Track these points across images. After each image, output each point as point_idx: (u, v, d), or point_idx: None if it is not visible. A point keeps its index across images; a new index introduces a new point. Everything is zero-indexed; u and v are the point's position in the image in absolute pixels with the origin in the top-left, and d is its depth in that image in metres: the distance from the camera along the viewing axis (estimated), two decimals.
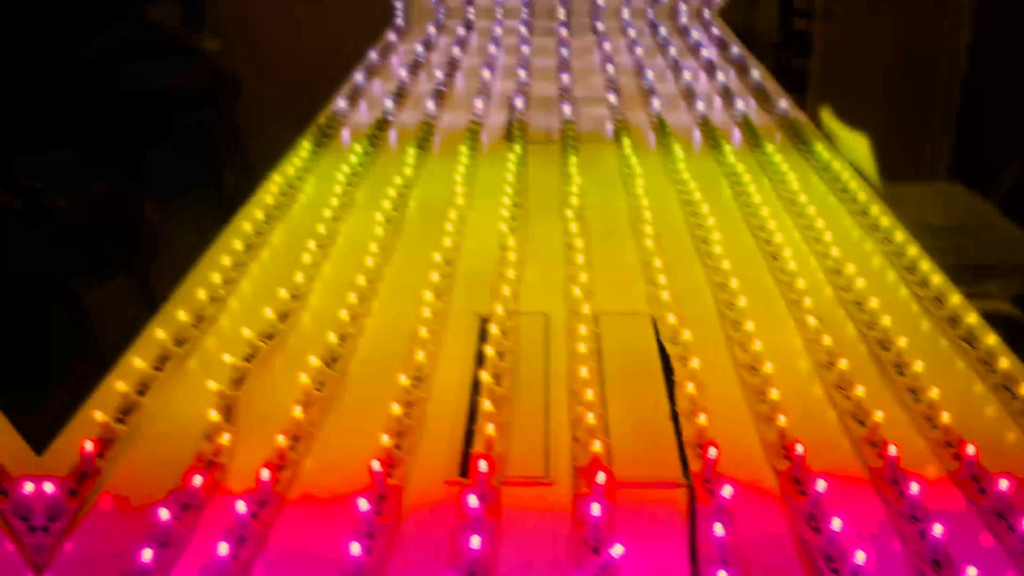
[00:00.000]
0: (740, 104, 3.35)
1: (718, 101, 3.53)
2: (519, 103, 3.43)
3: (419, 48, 4.17)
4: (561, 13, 4.63)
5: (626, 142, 3.00)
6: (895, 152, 4.91)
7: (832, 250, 2.27)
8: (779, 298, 2.14)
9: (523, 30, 4.46)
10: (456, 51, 4.13)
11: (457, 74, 3.92)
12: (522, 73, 3.77)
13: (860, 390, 1.71)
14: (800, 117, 3.30)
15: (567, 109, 3.36)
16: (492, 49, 4.15)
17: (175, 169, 5.39)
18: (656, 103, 3.42)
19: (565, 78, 3.75)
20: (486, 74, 3.80)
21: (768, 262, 2.29)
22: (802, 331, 1.98)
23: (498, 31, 4.42)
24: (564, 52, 4.17)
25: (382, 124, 3.22)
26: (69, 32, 5.16)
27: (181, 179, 5.32)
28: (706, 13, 4.69)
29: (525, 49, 4.21)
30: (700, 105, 3.36)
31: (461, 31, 4.48)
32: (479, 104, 3.38)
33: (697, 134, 3.18)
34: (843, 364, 1.80)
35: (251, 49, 5.79)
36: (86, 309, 3.86)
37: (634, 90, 3.65)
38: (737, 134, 3.18)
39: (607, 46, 4.18)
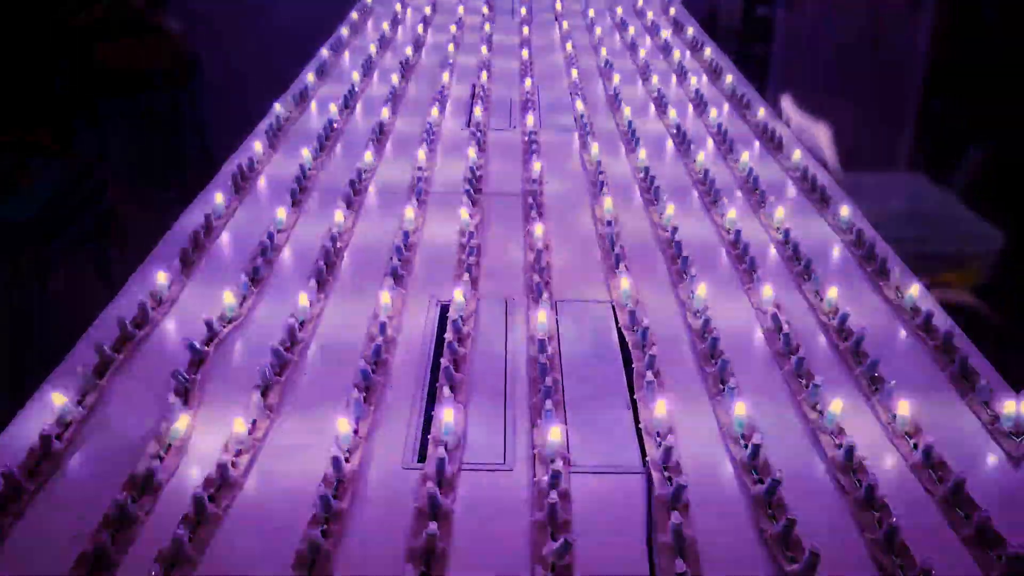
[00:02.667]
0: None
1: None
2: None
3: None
4: None
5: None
6: (857, 141, 4.94)
7: (791, 237, 2.28)
8: (737, 285, 2.15)
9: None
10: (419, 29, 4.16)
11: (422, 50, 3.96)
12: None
13: (819, 379, 1.72)
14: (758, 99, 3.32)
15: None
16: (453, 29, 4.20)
17: (137, 151, 5.37)
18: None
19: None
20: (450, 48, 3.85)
21: (727, 247, 2.30)
22: (761, 320, 1.99)
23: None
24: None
25: (348, 99, 3.20)
26: (35, 14, 5.13)
27: (143, 161, 5.30)
28: None
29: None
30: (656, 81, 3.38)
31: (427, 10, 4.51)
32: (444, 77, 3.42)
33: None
34: (802, 353, 1.81)
35: (214, 29, 5.76)
36: (46, 291, 3.84)
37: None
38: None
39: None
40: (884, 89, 5.34)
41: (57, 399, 1.61)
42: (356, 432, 1.59)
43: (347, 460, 1.52)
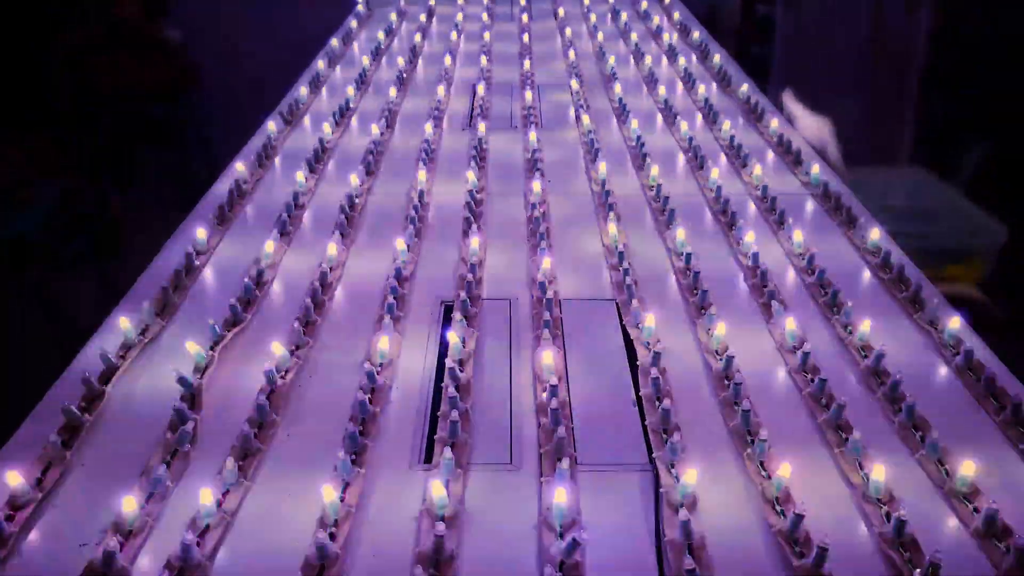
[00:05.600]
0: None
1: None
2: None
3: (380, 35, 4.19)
4: None
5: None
6: (859, 137, 4.94)
7: (795, 234, 2.27)
8: (741, 281, 2.15)
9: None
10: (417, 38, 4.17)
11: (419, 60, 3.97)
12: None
13: (824, 374, 1.72)
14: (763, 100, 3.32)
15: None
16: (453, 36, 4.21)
17: (141, 161, 5.37)
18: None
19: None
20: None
21: (731, 245, 2.30)
22: (766, 315, 1.99)
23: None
24: None
25: (343, 111, 3.21)
26: (36, 29, 5.14)
27: (147, 171, 5.30)
28: None
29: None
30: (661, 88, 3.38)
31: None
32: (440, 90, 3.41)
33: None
34: (807, 348, 1.80)
35: (214, 39, 5.77)
36: (53, 299, 3.84)
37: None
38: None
39: None
40: (885, 84, 5.33)
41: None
42: (362, 433, 1.59)
43: (353, 462, 1.52)
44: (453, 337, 1.84)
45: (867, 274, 2.20)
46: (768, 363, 1.85)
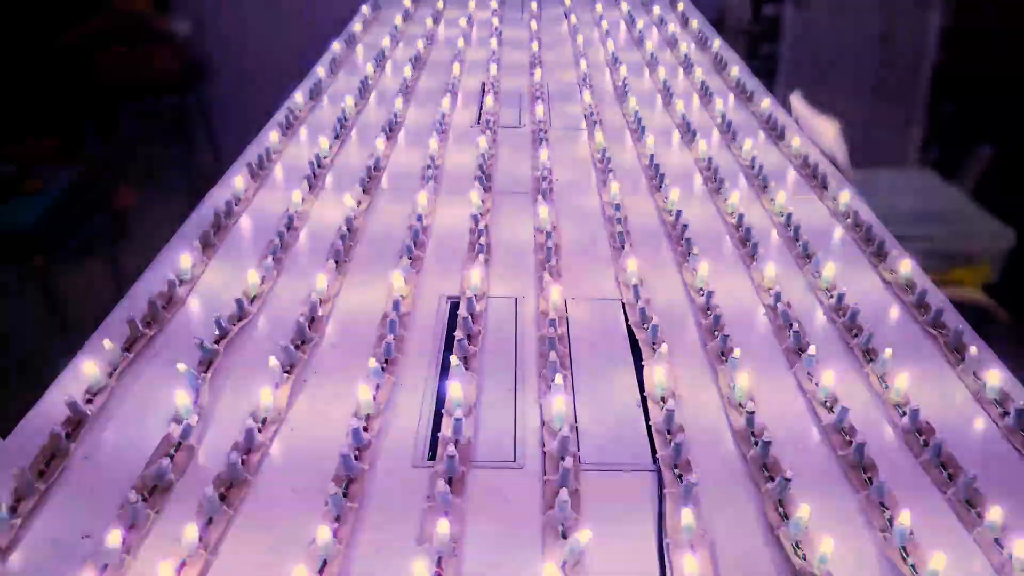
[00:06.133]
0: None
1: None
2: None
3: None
4: None
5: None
6: (866, 139, 4.93)
7: (802, 236, 2.27)
8: (748, 283, 2.14)
9: None
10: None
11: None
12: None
13: (829, 377, 1.71)
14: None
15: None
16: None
17: (149, 153, 5.38)
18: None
19: None
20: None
21: (738, 248, 2.30)
22: (772, 317, 1.98)
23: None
24: None
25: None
26: (45, 21, 5.14)
27: (155, 163, 5.31)
28: None
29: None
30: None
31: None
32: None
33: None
34: (812, 350, 1.80)
35: (222, 30, 5.76)
36: (58, 291, 3.85)
37: None
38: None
39: None
40: (894, 86, 5.33)
41: (67, 397, 1.58)
42: (366, 430, 1.59)
43: (357, 459, 1.52)
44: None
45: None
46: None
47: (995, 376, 1.73)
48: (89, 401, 1.66)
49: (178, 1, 5.86)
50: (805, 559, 1.34)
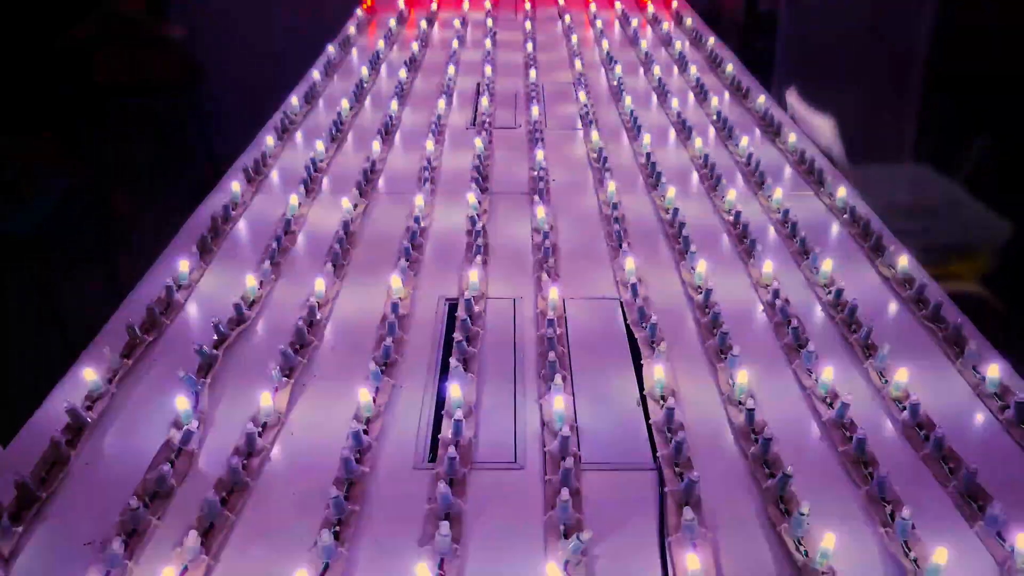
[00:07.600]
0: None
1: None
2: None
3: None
4: None
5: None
6: (861, 133, 4.93)
7: (799, 232, 2.27)
8: (746, 280, 2.15)
9: None
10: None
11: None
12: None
13: (829, 372, 1.72)
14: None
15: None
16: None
17: (144, 159, 5.37)
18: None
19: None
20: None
21: (735, 245, 2.30)
22: (771, 314, 1.98)
23: None
24: None
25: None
26: (40, 25, 5.14)
27: (150, 168, 5.30)
28: None
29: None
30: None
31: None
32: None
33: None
34: (811, 346, 1.80)
35: (217, 35, 5.75)
36: (56, 298, 3.83)
37: None
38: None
39: None
40: (888, 80, 5.32)
41: (67, 404, 1.59)
42: (366, 432, 1.59)
43: (358, 461, 1.52)
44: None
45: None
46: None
47: (995, 369, 1.73)
48: (89, 408, 1.66)
49: (173, 4, 5.86)
50: (807, 555, 1.34)
